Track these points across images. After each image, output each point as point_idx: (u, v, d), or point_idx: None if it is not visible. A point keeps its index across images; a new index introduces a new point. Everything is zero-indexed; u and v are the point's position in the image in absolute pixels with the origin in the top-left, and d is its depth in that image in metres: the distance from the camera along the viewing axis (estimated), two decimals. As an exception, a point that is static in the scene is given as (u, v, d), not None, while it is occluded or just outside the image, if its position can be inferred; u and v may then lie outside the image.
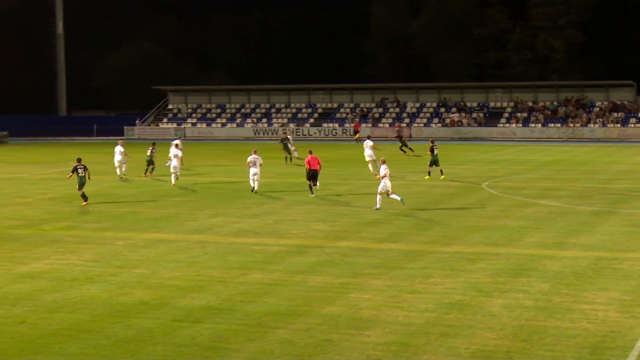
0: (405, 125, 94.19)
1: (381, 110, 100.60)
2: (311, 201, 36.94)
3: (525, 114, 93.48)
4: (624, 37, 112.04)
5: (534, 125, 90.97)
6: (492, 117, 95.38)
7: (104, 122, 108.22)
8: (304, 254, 24.98)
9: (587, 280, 21.10)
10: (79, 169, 37.01)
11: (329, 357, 15.42)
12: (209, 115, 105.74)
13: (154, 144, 50.56)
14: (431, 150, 46.15)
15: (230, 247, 26.35)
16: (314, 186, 39.24)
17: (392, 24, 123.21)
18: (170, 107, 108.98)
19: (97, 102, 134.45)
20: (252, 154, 40.83)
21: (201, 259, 24.36)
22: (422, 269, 22.47)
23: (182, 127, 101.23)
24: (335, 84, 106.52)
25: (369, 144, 50.58)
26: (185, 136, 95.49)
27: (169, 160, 45.20)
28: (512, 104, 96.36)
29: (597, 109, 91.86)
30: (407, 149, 64.69)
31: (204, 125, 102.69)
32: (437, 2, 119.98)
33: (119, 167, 48.52)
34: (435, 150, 46.03)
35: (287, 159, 58.06)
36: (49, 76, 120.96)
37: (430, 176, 45.74)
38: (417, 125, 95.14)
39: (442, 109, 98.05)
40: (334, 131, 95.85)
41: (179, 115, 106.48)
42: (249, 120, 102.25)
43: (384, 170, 33.84)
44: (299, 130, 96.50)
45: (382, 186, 33.87)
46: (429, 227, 29.64)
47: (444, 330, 16.92)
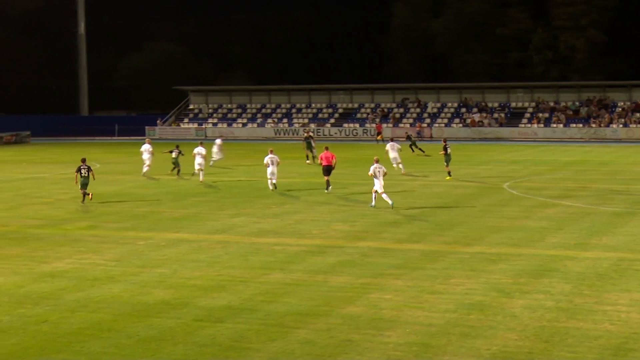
0: (426, 125, 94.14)
1: (402, 110, 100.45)
2: (332, 201, 36.92)
3: (546, 114, 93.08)
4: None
5: (555, 125, 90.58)
6: (514, 117, 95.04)
7: (125, 122, 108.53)
8: (324, 254, 24.97)
9: (610, 281, 20.98)
10: (82, 169, 37.32)
11: (350, 358, 15.40)
12: (229, 115, 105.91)
13: (177, 147, 50.91)
14: (444, 149, 46.14)
15: (251, 247, 26.37)
16: (326, 188, 39.88)
17: (413, 24, 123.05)
18: (191, 107, 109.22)
19: (118, 102, 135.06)
20: (269, 154, 41.63)
21: (222, 259, 24.39)
22: (443, 270, 22.42)
23: (203, 127, 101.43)
24: (356, 84, 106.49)
25: (396, 146, 50.65)
26: (206, 136, 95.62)
27: (212, 159, 48.51)
28: (533, 104, 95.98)
29: (620, 109, 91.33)
30: (416, 149, 65.07)
31: (225, 125, 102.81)
32: (458, 1, 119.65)
33: (148, 166, 49.40)
34: (448, 149, 46.01)
35: (308, 157, 58.15)
36: (71, 76, 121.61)
37: (451, 176, 45.65)
38: (438, 125, 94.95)
39: (463, 109, 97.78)
40: (355, 131, 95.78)
41: (200, 115, 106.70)
42: (270, 120, 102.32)
43: (375, 169, 34.39)
44: (319, 130, 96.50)
45: (378, 185, 34.29)
46: (449, 227, 29.56)
47: (465, 331, 16.86)
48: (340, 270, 22.64)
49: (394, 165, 49.15)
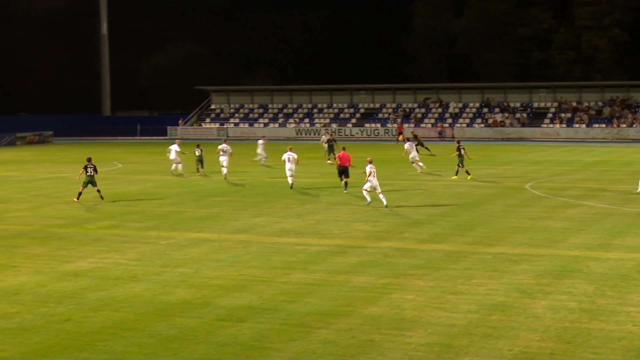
0: (447, 125, 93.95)
1: (423, 110, 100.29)
2: (353, 201, 36.90)
3: (569, 115, 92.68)
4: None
5: (578, 125, 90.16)
6: (536, 117, 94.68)
7: (147, 122, 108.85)
8: (346, 254, 24.96)
9: (633, 282, 20.85)
10: (89, 168, 37.81)
11: (371, 358, 15.39)
12: (251, 115, 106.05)
13: (198, 145, 51.86)
14: (458, 150, 46.07)
15: (272, 247, 26.39)
16: (344, 188, 40.17)
17: (435, 24, 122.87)
18: (213, 107, 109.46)
19: (140, 103, 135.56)
20: (288, 151, 42.74)
21: (244, 259, 24.42)
22: (464, 270, 22.36)
23: (225, 127, 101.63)
24: (377, 84, 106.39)
25: (415, 145, 51.14)
26: (227, 136, 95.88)
27: (260, 156, 53.34)
28: (555, 104, 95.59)
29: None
30: (422, 149, 65.25)
31: (247, 125, 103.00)
32: (480, 1, 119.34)
33: (175, 165, 50.28)
34: (462, 150, 45.92)
35: (330, 158, 58.28)
36: (94, 77, 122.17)
37: (471, 175, 45.62)
38: (459, 125, 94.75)
39: (485, 109, 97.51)
40: (376, 131, 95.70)
41: (222, 115, 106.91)
42: (291, 120, 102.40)
43: (368, 169, 34.61)
44: (341, 130, 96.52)
45: (368, 185, 34.60)
46: (471, 227, 29.49)
47: (486, 331, 16.81)
48: (361, 270, 22.62)
49: (414, 164, 49.52)
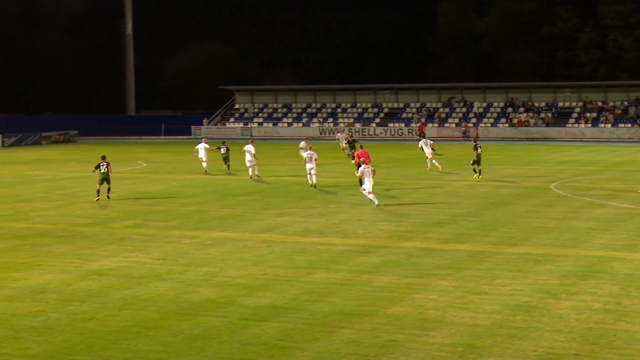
0: (472, 125, 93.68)
1: (448, 110, 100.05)
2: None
3: (594, 114, 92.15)
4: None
5: (603, 125, 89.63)
6: (561, 117, 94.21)
7: (171, 121, 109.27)
8: (369, 253, 24.94)
9: (658, 283, 20.73)
10: (102, 166, 38.33)
11: (395, 358, 15.37)
12: (275, 115, 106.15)
13: (224, 143, 53.08)
14: (475, 149, 45.95)
15: (296, 246, 26.41)
16: (360, 186, 40.16)
17: (459, 23, 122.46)
18: (237, 106, 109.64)
19: (164, 102, 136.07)
20: (308, 150, 43.28)
21: (267, 258, 24.45)
22: (488, 270, 22.29)
23: (249, 126, 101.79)
24: (401, 84, 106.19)
25: (429, 142, 52.30)
26: (251, 136, 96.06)
27: (305, 152, 52.06)
28: (581, 104, 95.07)
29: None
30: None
31: (270, 124, 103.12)
32: (505, 0, 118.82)
33: (206, 162, 51.19)
34: (478, 149, 45.80)
35: (354, 157, 58.37)
36: (119, 76, 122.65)
37: (477, 174, 45.64)
38: (484, 125, 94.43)
39: (510, 109, 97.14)
40: (400, 131, 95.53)
41: (246, 115, 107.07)
42: (315, 120, 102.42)
43: (362, 170, 35.20)
44: (364, 130, 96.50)
45: (367, 185, 34.89)
46: (495, 228, 29.39)
47: (510, 332, 16.75)
48: (385, 270, 22.60)
49: (428, 162, 50.57)
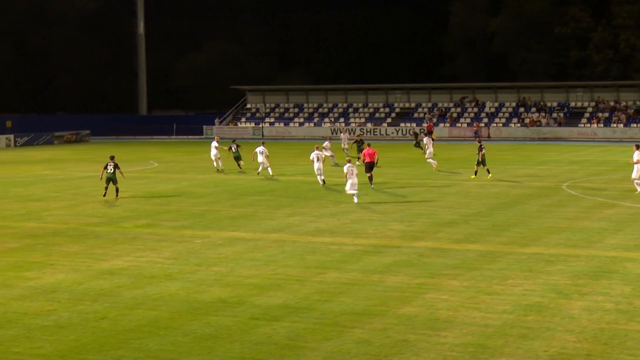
0: (483, 125, 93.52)
1: (459, 110, 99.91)
2: (388, 201, 36.87)
3: (606, 114, 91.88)
4: None
5: (615, 125, 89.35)
6: (573, 117, 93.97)
7: (183, 121, 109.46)
8: (380, 253, 24.92)
9: (670, 283, 20.66)
10: (109, 166, 38.73)
11: (406, 358, 15.35)
12: (286, 114, 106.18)
13: (234, 141, 53.97)
14: (479, 149, 45.90)
15: (307, 246, 26.41)
16: (370, 185, 41.50)
17: (471, 23, 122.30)
18: (248, 106, 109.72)
19: (176, 102, 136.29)
20: (315, 150, 43.59)
21: (278, 258, 24.46)
22: (500, 270, 22.25)
23: (260, 126, 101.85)
24: (413, 84, 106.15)
25: (432, 142, 53.57)
26: (263, 135, 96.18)
27: (328, 151, 54.40)
28: (593, 104, 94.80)
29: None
30: (418, 148, 66.49)
31: (282, 124, 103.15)
32: (517, 0, 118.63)
33: (215, 161, 52.17)
34: (482, 149, 45.76)
35: (359, 158, 58.41)
36: (130, 76, 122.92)
37: (476, 175, 45.81)
38: (495, 125, 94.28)
39: (522, 109, 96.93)
40: (412, 131, 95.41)
41: (257, 114, 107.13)
42: (327, 119, 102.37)
43: (347, 169, 36.18)
44: (376, 130, 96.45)
45: (350, 184, 35.78)
46: (507, 228, 29.33)
47: (522, 332, 16.72)
48: (396, 270, 22.58)
49: (430, 160, 51.63)
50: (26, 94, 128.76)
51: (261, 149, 48.65)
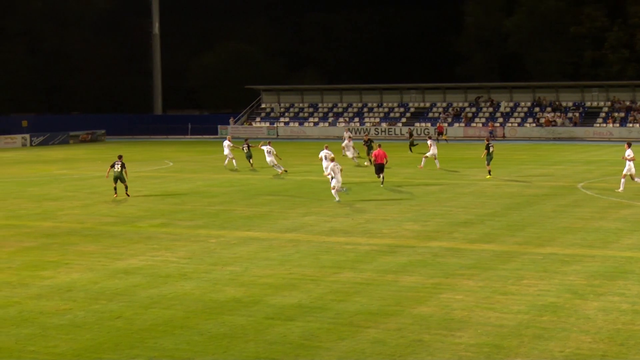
0: (498, 124, 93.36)
1: (474, 109, 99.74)
2: (402, 200, 36.84)
3: (622, 114, 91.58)
4: None
5: (631, 125, 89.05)
6: (588, 116, 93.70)
7: (198, 121, 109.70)
8: (395, 253, 24.90)
9: (687, 284, 20.57)
10: (117, 165, 39.11)
11: (420, 358, 15.33)
12: (301, 114, 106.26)
13: (246, 140, 54.77)
14: (487, 148, 45.87)
15: (321, 246, 26.40)
16: (381, 183, 42.23)
17: (486, 23, 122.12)
18: (263, 106, 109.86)
19: (191, 102, 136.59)
20: (324, 149, 43.87)
21: (293, 258, 24.47)
22: (515, 270, 22.19)
23: (275, 126, 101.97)
24: (428, 83, 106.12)
25: (435, 143, 54.00)
26: (277, 135, 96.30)
27: (346, 149, 56.48)
28: (609, 104, 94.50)
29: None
30: (414, 148, 67.00)
31: (297, 124, 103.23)
32: (531, 0, 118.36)
33: (229, 160, 53.25)
34: (491, 148, 45.77)
35: (370, 160, 58.42)
36: (145, 76, 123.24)
37: (491, 175, 45.60)
38: (510, 125, 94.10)
39: (537, 109, 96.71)
40: (427, 130, 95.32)
41: (272, 114, 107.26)
42: (341, 119, 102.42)
43: (331, 167, 36.97)
44: (391, 129, 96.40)
45: (335, 182, 36.53)
46: (522, 228, 29.26)
47: (537, 332, 16.67)
48: (411, 270, 22.56)
49: (435, 160, 52.05)
50: (42, 93, 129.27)
51: (268, 148, 49.15)
